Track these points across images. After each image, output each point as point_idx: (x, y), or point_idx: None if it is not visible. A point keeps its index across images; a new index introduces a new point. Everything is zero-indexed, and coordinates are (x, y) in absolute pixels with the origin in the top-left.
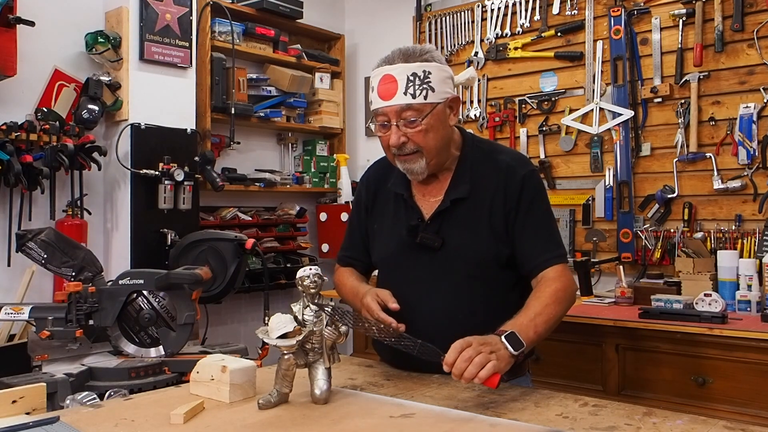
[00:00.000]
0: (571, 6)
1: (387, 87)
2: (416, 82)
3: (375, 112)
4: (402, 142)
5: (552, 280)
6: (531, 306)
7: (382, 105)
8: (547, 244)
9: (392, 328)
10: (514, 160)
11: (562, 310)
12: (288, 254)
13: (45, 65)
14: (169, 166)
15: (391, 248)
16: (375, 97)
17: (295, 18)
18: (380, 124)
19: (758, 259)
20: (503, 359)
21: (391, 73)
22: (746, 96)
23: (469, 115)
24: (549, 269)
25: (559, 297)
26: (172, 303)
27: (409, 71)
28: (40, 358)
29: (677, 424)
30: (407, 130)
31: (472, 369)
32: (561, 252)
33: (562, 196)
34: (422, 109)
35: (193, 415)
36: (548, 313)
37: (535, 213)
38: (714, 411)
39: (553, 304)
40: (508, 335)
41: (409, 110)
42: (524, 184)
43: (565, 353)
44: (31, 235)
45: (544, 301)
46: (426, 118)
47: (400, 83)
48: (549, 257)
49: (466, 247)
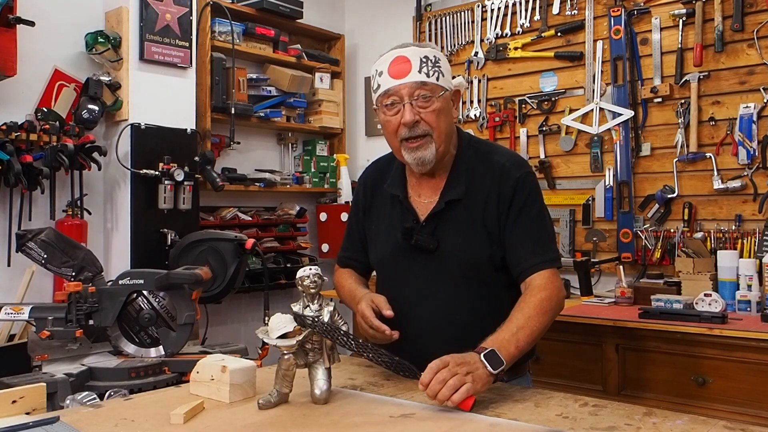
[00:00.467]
0: (571, 6)
1: (400, 67)
2: (428, 64)
3: (385, 94)
4: (415, 120)
5: (538, 289)
6: (514, 319)
7: (395, 83)
8: (536, 248)
9: (386, 334)
10: (509, 162)
11: (547, 320)
12: (288, 254)
13: (45, 65)
14: (169, 166)
15: (387, 250)
16: (385, 78)
17: (295, 18)
18: (389, 104)
19: (758, 259)
20: (480, 380)
21: (404, 54)
22: (746, 96)
23: (469, 115)
24: (536, 275)
25: (544, 307)
26: (172, 303)
27: (422, 54)
28: (40, 358)
29: (677, 424)
30: (420, 110)
31: (445, 392)
32: (550, 256)
33: (562, 196)
34: (435, 89)
35: (193, 415)
36: (531, 326)
37: (526, 216)
38: (714, 411)
39: (536, 315)
40: (487, 354)
41: (422, 89)
42: (517, 187)
43: (565, 353)
44: (31, 235)
45: (528, 313)
46: (439, 99)
47: (413, 63)
48: (537, 262)
49: (460, 249)
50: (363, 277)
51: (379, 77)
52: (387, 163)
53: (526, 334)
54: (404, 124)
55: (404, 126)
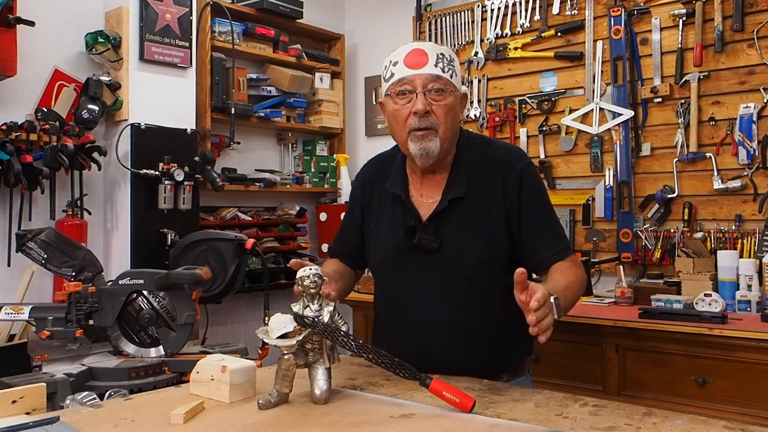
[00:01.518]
0: (571, 6)
1: (417, 58)
2: (444, 61)
3: (398, 82)
4: (426, 110)
5: (567, 269)
6: (558, 279)
7: (411, 73)
8: (553, 238)
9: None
10: (509, 155)
11: (578, 296)
12: (288, 254)
13: (45, 65)
14: (169, 166)
15: (389, 250)
16: (400, 67)
17: (295, 18)
18: (400, 92)
19: (758, 259)
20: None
21: (422, 48)
22: (746, 96)
23: (469, 115)
24: (560, 263)
25: (576, 287)
26: (172, 303)
27: (439, 51)
28: (40, 358)
29: (677, 424)
30: (432, 101)
31: (548, 333)
32: (566, 244)
33: (562, 196)
34: (448, 85)
35: (193, 415)
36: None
37: (537, 207)
38: (714, 411)
39: (574, 286)
40: (557, 301)
41: (437, 82)
42: (522, 179)
43: (565, 353)
44: (31, 235)
45: (566, 283)
46: (450, 95)
47: (431, 57)
48: (556, 251)
49: (464, 249)
50: (351, 270)
51: (393, 66)
52: (387, 160)
53: (571, 296)
54: (415, 113)
55: (415, 115)
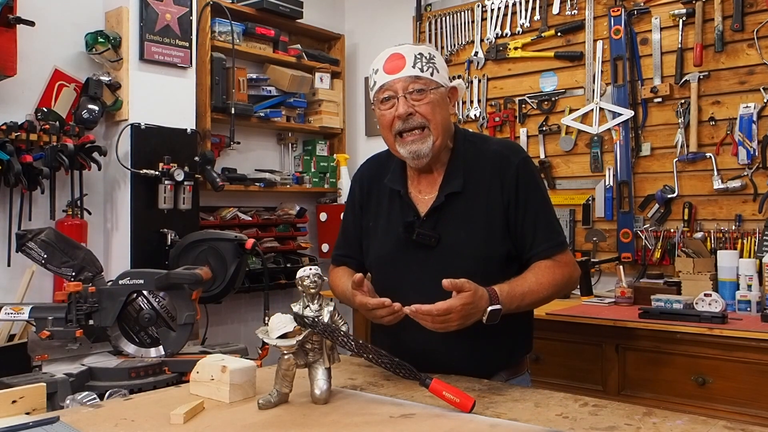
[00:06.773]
0: (571, 6)
1: (395, 63)
2: (423, 61)
3: (380, 89)
4: (409, 112)
5: (560, 264)
6: (528, 280)
7: (390, 78)
8: (548, 233)
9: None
10: (505, 149)
11: (554, 295)
12: (288, 254)
13: (45, 65)
14: (169, 166)
15: (387, 246)
16: (380, 75)
17: (295, 18)
18: (383, 99)
19: (758, 259)
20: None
21: (399, 52)
22: (746, 96)
23: (469, 115)
24: (540, 262)
25: (558, 283)
26: (172, 303)
27: (416, 51)
28: (40, 358)
29: (677, 424)
30: (414, 102)
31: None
32: (561, 239)
33: (562, 196)
34: (429, 83)
35: (193, 415)
36: (540, 293)
37: (534, 201)
38: (714, 411)
39: (549, 286)
40: (494, 311)
41: (416, 83)
42: (519, 173)
43: (565, 353)
44: (31, 235)
45: (541, 280)
46: (433, 92)
47: (408, 60)
48: (546, 247)
49: (462, 244)
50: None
51: (375, 75)
52: (385, 159)
53: (531, 300)
54: (398, 117)
55: (398, 119)
